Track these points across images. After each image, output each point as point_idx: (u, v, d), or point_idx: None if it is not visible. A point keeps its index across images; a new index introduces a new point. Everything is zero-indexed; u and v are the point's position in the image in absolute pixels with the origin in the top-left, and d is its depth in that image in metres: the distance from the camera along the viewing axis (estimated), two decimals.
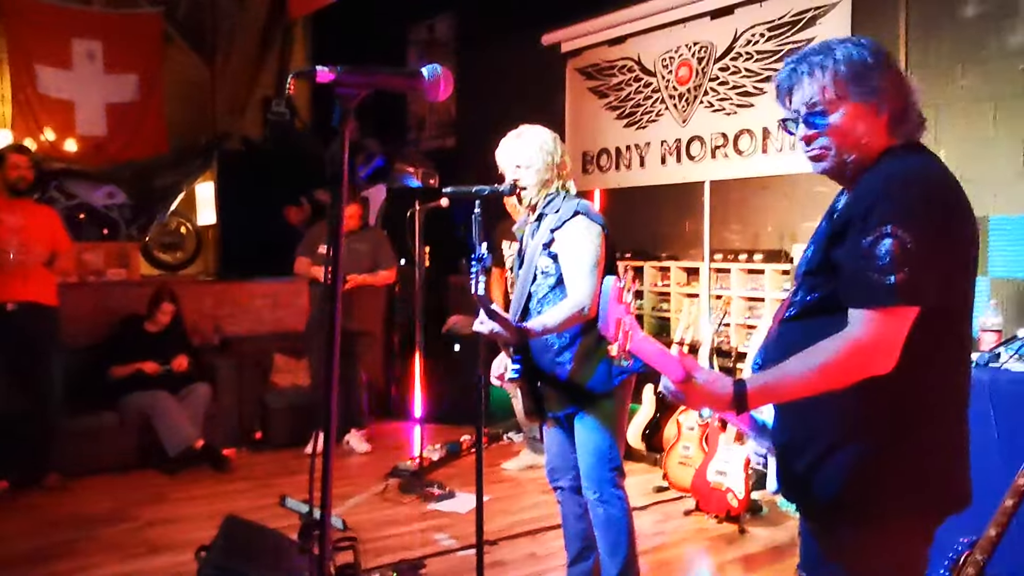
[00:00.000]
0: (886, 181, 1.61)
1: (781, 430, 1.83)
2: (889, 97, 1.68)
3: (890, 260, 1.52)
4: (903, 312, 1.55)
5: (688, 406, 1.72)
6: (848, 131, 1.69)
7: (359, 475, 5.45)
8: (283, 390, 6.38)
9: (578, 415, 3.02)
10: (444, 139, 8.16)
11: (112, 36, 7.99)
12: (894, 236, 1.53)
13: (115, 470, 5.38)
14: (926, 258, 1.53)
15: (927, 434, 1.66)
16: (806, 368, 1.60)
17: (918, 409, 1.64)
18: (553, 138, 3.06)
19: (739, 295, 5.42)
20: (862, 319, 1.56)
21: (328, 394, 1.40)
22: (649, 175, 6.18)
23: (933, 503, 1.70)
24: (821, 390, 1.62)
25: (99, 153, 7.97)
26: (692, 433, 4.71)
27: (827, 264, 1.67)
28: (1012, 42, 4.24)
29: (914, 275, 1.52)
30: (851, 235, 1.60)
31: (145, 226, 8.07)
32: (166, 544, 4.18)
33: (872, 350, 1.56)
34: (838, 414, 1.67)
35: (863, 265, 1.56)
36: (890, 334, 1.55)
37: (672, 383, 1.66)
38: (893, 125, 1.69)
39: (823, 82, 1.69)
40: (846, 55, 1.69)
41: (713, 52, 5.73)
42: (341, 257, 1.39)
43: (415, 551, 4.10)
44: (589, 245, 2.90)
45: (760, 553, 4.10)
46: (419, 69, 1.46)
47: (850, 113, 1.68)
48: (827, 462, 1.69)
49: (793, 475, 1.79)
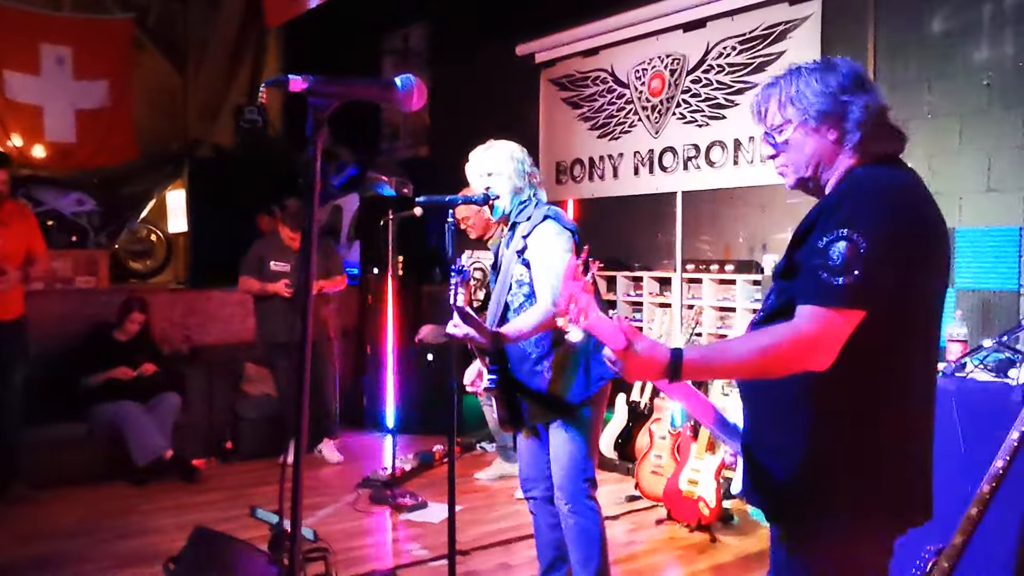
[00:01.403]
0: (849, 187, 1.69)
1: (745, 431, 1.86)
2: (836, 117, 1.73)
3: (841, 262, 1.56)
4: (848, 314, 1.58)
5: (626, 377, 1.71)
6: (797, 151, 1.78)
7: (331, 485, 5.41)
8: (254, 399, 6.32)
9: (553, 424, 3.03)
10: (418, 148, 8.16)
11: (82, 42, 7.92)
12: (848, 239, 1.56)
13: (83, 481, 5.29)
14: (878, 264, 1.56)
15: (883, 442, 1.68)
16: (745, 349, 1.64)
17: (874, 416, 1.67)
18: (521, 149, 3.10)
19: (711, 305, 5.47)
20: (807, 314, 1.59)
21: (299, 404, 1.39)
22: (622, 186, 6.22)
23: (888, 509, 1.71)
24: (756, 373, 1.67)
25: (68, 159, 7.89)
26: (664, 442, 4.73)
27: (791, 267, 1.71)
28: (977, 58, 4.32)
29: (863, 279, 1.55)
30: (811, 236, 1.65)
31: (114, 233, 7.99)
32: (135, 557, 4.12)
33: (811, 344, 1.58)
34: (795, 418, 1.71)
35: (816, 263, 1.60)
36: (831, 332, 1.58)
37: (612, 352, 1.67)
38: (852, 144, 1.73)
39: (775, 106, 1.79)
40: (796, 80, 1.77)
41: (685, 64, 5.78)
42: (299, 267, 1.39)
43: (387, 562, 4.07)
44: (558, 249, 2.91)
45: (731, 562, 4.12)
46: (393, 80, 1.46)
47: (797, 134, 1.77)
48: (783, 466, 1.73)
49: (753, 477, 1.83)
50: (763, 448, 1.79)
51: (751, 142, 5.37)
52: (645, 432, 4.93)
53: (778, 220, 5.28)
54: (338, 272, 6.07)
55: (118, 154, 8.16)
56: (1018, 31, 4.20)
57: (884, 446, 1.68)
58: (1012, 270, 4.13)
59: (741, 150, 5.43)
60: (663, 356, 1.64)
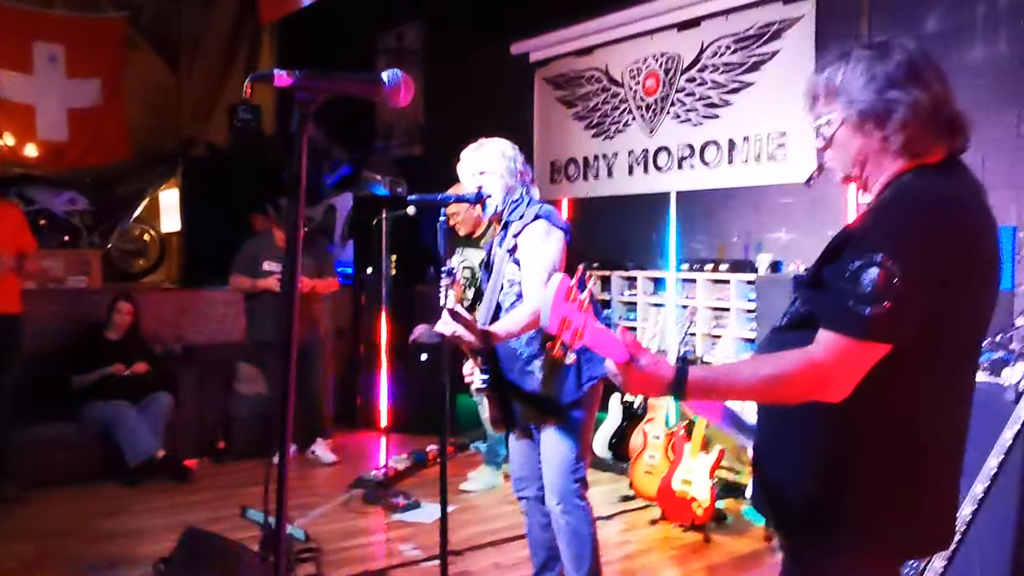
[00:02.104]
0: (890, 204, 1.54)
1: (759, 442, 1.78)
2: (882, 115, 1.56)
3: (872, 290, 1.43)
4: (871, 347, 1.46)
5: (627, 390, 1.64)
6: (842, 149, 1.63)
7: (323, 485, 5.39)
8: (247, 399, 6.29)
9: (544, 425, 3.01)
10: (412, 147, 8.14)
11: (75, 40, 7.89)
12: (882, 266, 1.43)
13: (74, 481, 5.26)
14: (911, 296, 1.44)
15: (907, 474, 1.58)
16: (755, 373, 1.54)
17: (902, 447, 1.57)
18: (512, 147, 3.08)
19: (705, 305, 5.45)
20: (827, 341, 1.48)
21: (284, 403, 1.37)
22: (616, 185, 6.21)
23: (903, 547, 1.65)
24: (765, 400, 1.59)
25: (60, 158, 7.86)
26: (658, 442, 4.72)
27: (820, 278, 1.59)
28: (971, 57, 4.32)
29: (893, 312, 1.43)
30: (844, 254, 1.51)
31: (107, 233, 7.95)
32: (125, 557, 4.10)
33: (826, 375, 1.48)
34: (810, 437, 1.62)
35: (844, 288, 1.47)
36: (850, 365, 1.47)
37: (615, 365, 1.61)
38: (897, 147, 1.57)
39: (821, 94, 1.65)
40: (845, 67, 1.61)
41: (680, 63, 5.78)
42: (285, 263, 1.37)
43: (379, 562, 4.06)
44: (548, 248, 2.89)
45: (725, 562, 4.11)
46: (379, 75, 1.44)
47: (842, 131, 1.62)
48: (795, 483, 1.65)
49: (763, 490, 1.76)
50: (776, 463, 1.71)
51: (745, 142, 5.36)
52: (639, 432, 4.91)
53: (772, 220, 5.27)
54: (330, 274, 6.06)
55: (111, 153, 8.13)
56: (1012, 30, 4.20)
57: (905, 477, 1.58)
58: (1007, 270, 4.13)
59: (735, 150, 5.42)
60: (667, 373, 1.58)
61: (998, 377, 3.19)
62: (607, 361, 1.63)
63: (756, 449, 1.78)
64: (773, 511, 1.76)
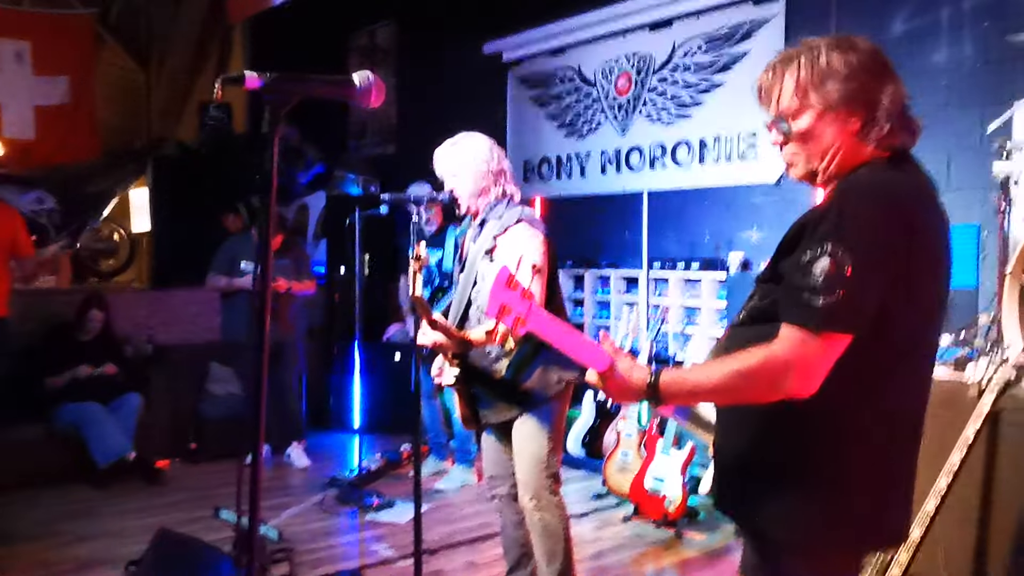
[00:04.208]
0: (842, 195, 1.54)
1: (720, 439, 1.78)
2: (863, 104, 1.58)
3: (823, 281, 1.44)
4: (829, 337, 1.46)
5: (611, 397, 1.67)
6: (814, 140, 1.61)
7: (297, 486, 5.37)
8: (219, 399, 6.25)
9: (516, 422, 3.02)
10: (385, 146, 8.12)
11: (42, 37, 7.78)
12: (833, 256, 1.44)
13: (42, 484, 5.19)
14: (863, 285, 1.45)
15: (864, 468, 1.59)
16: (721, 372, 1.55)
17: (858, 441, 1.57)
18: (489, 146, 3.06)
19: (677, 303, 5.50)
20: (787, 337, 1.49)
21: (257, 403, 1.37)
22: (589, 184, 6.24)
23: (862, 540, 1.66)
24: (732, 398, 1.59)
25: (27, 157, 7.74)
26: (631, 439, 4.75)
27: (776, 277, 1.60)
28: (936, 59, 4.39)
29: (846, 301, 1.44)
30: (799, 246, 1.53)
31: (76, 232, 7.85)
32: (95, 560, 4.06)
33: (786, 368, 1.47)
34: (772, 436, 1.62)
35: (797, 281, 1.49)
36: (810, 357, 1.47)
37: (597, 374, 1.63)
38: (867, 134, 1.59)
39: (790, 86, 1.62)
40: (816, 58, 1.60)
41: (652, 63, 5.81)
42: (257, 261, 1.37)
43: (353, 562, 4.05)
44: (531, 251, 2.91)
45: (697, 558, 4.15)
46: (351, 77, 1.45)
47: (817, 122, 1.60)
48: (755, 478, 1.66)
49: (725, 487, 1.78)
50: (735, 457, 1.71)
51: (716, 142, 5.41)
52: (612, 430, 4.94)
53: (743, 219, 5.33)
54: (308, 276, 6.04)
55: (79, 152, 8.02)
56: (976, 32, 4.27)
57: (864, 476, 1.59)
58: (971, 267, 4.20)
59: (707, 149, 5.47)
60: (642, 379, 1.60)
61: (962, 373, 3.25)
62: (588, 371, 1.64)
63: (716, 447, 1.78)
64: (734, 508, 1.77)
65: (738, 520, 1.81)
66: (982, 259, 4.17)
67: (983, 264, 4.17)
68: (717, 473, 1.80)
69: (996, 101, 3.98)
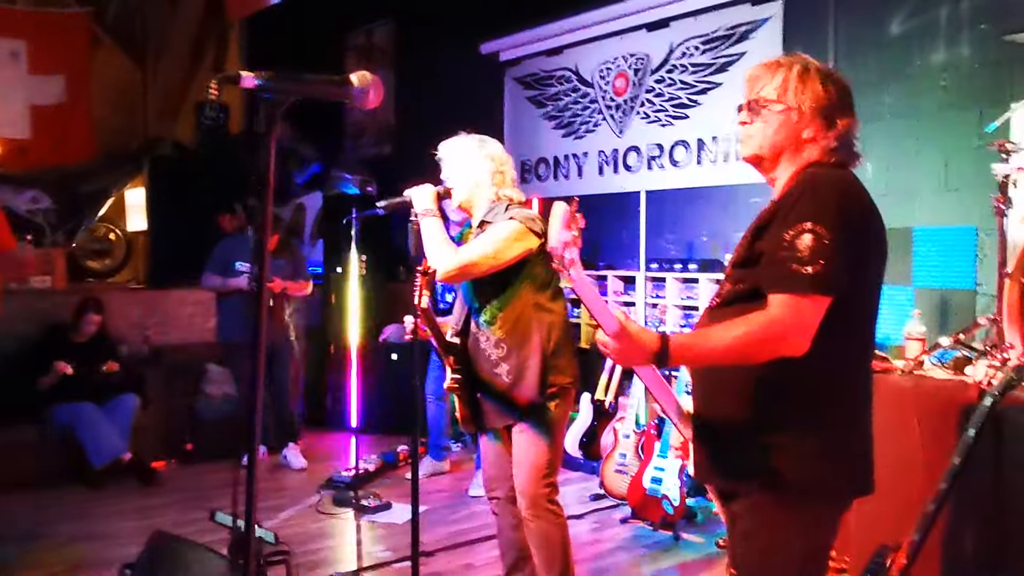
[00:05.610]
0: (809, 185, 1.80)
1: (697, 405, 1.96)
2: (823, 119, 1.86)
3: (809, 253, 1.69)
4: (818, 300, 1.70)
5: (617, 361, 1.82)
6: (770, 128, 1.89)
7: (293, 487, 5.35)
8: (215, 400, 6.23)
9: (515, 428, 3.00)
10: (382, 146, 8.10)
11: (37, 36, 7.73)
12: (812, 232, 1.70)
13: (36, 485, 5.17)
14: (839, 254, 1.70)
15: (842, 419, 1.83)
16: (726, 336, 1.74)
17: (834, 394, 1.82)
18: (484, 146, 3.04)
19: (674, 304, 5.49)
20: (781, 302, 1.71)
21: (252, 403, 1.36)
22: (586, 185, 6.23)
23: (849, 488, 1.87)
24: (736, 360, 1.76)
25: (23, 156, 7.69)
26: (628, 441, 4.74)
27: (752, 257, 1.83)
28: (934, 59, 4.39)
29: (828, 267, 1.68)
30: (773, 229, 1.77)
31: (72, 232, 7.81)
32: (90, 562, 4.05)
33: (787, 329, 1.70)
34: (744, 391, 1.81)
35: (784, 256, 1.72)
36: (805, 317, 1.70)
37: (608, 334, 1.74)
38: (815, 142, 1.86)
39: (778, 81, 1.88)
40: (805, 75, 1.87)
41: (649, 64, 5.80)
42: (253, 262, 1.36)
43: (350, 564, 4.03)
44: (506, 233, 2.86)
45: (695, 560, 4.14)
46: (348, 77, 1.44)
47: (780, 116, 1.87)
48: (733, 437, 1.85)
49: (708, 454, 1.93)
50: (714, 419, 1.91)
51: (714, 142, 5.40)
52: (610, 431, 4.93)
53: (741, 219, 5.31)
54: (304, 276, 6.02)
55: (76, 151, 7.97)
56: (973, 33, 4.26)
57: (834, 421, 1.82)
58: (969, 269, 4.19)
59: (704, 150, 5.46)
60: (652, 343, 1.74)
61: (962, 375, 3.24)
62: (598, 333, 1.77)
63: (695, 415, 1.97)
64: (713, 468, 1.93)
65: (720, 482, 1.97)
66: (980, 261, 4.17)
67: (981, 266, 4.16)
68: (697, 444, 1.96)
69: (994, 102, 3.98)
